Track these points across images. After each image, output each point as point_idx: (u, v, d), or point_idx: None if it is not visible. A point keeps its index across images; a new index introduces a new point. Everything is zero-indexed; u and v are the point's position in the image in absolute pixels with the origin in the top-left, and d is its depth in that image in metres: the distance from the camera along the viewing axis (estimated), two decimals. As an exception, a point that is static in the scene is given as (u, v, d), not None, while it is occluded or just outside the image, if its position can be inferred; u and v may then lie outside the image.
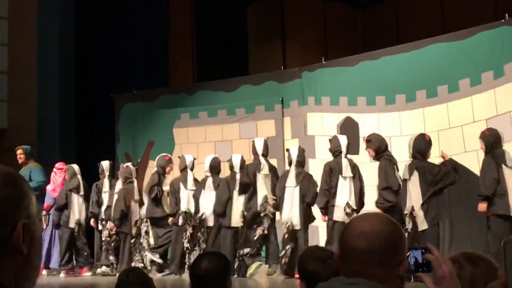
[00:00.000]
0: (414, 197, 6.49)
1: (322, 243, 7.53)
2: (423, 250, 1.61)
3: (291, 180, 7.51)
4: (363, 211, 7.10)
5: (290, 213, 7.42)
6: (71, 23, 11.92)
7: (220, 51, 13.05)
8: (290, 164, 7.82)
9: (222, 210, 7.86)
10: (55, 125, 11.44)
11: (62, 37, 11.70)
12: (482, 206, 6.14)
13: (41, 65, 11.66)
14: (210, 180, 8.23)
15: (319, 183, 7.46)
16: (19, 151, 9.40)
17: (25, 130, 11.66)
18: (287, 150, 8.01)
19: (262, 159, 8.09)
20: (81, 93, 11.91)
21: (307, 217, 7.46)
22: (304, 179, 7.49)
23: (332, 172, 7.16)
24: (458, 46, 8.43)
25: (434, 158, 7.62)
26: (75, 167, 9.23)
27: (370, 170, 7.62)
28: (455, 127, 8.28)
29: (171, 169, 8.97)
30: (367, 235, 1.54)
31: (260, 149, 8.15)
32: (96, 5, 12.33)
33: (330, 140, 7.51)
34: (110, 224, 8.62)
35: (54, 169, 9.41)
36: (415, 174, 6.54)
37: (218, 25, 13.38)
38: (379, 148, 7.07)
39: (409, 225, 6.35)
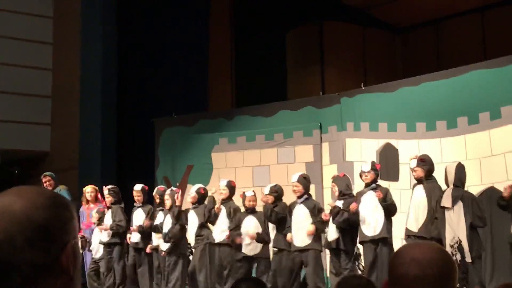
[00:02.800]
0: (459, 227, 6.32)
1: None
2: None
3: None
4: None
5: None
6: (114, 49, 12.15)
7: (259, 76, 13.14)
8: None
9: None
10: (97, 149, 11.62)
11: (104, 62, 11.93)
12: None
13: (84, 89, 11.91)
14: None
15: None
16: (46, 178, 9.45)
17: (67, 153, 11.89)
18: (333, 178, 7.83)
19: None
20: (123, 117, 12.11)
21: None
22: None
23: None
24: (499, 73, 8.33)
25: (472, 186, 7.51)
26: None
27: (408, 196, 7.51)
28: (497, 154, 8.15)
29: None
30: (419, 262, 1.54)
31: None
32: (138, 31, 12.57)
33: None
34: None
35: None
36: (459, 203, 6.40)
37: (257, 50, 13.50)
38: (430, 171, 6.96)
39: (457, 256, 6.19)
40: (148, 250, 8.77)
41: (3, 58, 12.19)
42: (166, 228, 8.51)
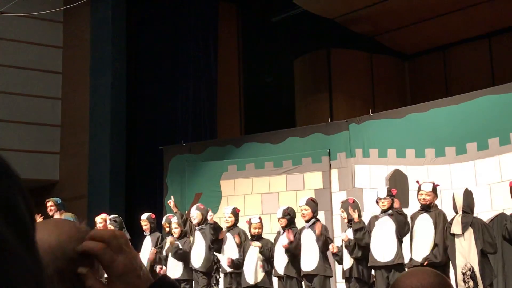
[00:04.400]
0: (470, 254, 6.25)
1: None
2: None
3: None
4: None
5: None
6: (123, 78, 12.24)
7: (267, 103, 13.18)
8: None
9: None
10: (106, 177, 11.65)
11: (113, 91, 12.01)
12: None
13: (93, 118, 11.98)
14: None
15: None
16: (49, 203, 9.37)
17: (76, 182, 11.92)
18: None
19: None
20: (131, 145, 12.15)
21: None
22: None
23: None
24: (508, 98, 8.32)
25: (482, 212, 7.45)
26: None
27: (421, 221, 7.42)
28: (507, 180, 8.09)
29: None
30: None
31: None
32: (147, 60, 12.69)
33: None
34: None
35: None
36: (470, 230, 6.33)
37: (265, 77, 13.57)
38: (435, 198, 6.92)
39: (469, 283, 6.09)
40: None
41: (13, 88, 12.30)
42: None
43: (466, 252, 6.26)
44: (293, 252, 7.54)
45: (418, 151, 9.21)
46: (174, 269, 8.57)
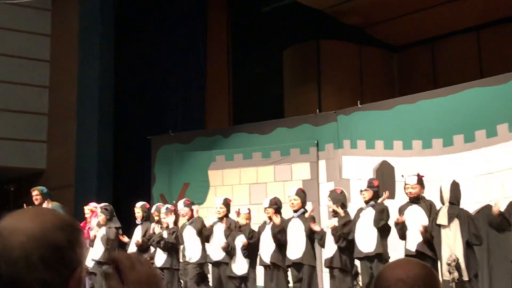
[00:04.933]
0: (456, 245, 6.28)
1: None
2: None
3: None
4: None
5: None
6: (111, 66, 12.18)
7: (256, 94, 13.16)
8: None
9: None
10: (93, 166, 11.61)
11: (101, 80, 11.96)
12: None
13: (81, 107, 11.91)
14: None
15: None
16: (35, 193, 9.27)
17: (63, 171, 11.87)
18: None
19: None
20: (119, 134, 12.10)
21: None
22: None
23: None
24: (496, 91, 8.36)
25: (469, 204, 7.49)
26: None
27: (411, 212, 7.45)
28: (494, 172, 8.15)
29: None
30: (404, 282, 1.52)
31: None
32: (135, 49, 12.62)
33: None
34: None
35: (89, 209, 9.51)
36: (456, 221, 6.36)
37: (254, 67, 13.54)
38: (422, 189, 6.94)
39: (454, 274, 6.12)
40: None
41: (0, 76, 12.20)
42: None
43: (451, 243, 6.30)
44: (279, 240, 7.56)
45: (405, 142, 9.25)
46: (160, 257, 8.58)
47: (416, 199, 6.87)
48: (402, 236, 6.88)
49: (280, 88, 13.46)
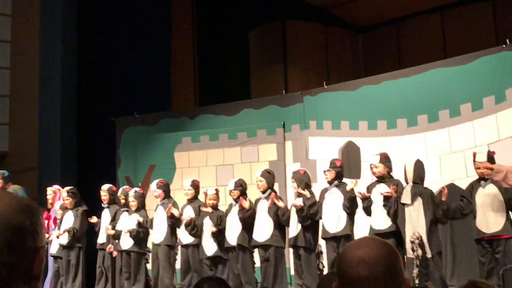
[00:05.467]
0: (419, 223, 6.36)
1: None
2: None
3: None
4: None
5: None
6: (73, 47, 11.97)
7: (222, 75, 13.09)
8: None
9: None
10: (56, 149, 11.43)
11: (64, 61, 11.74)
12: None
13: (43, 88, 11.69)
14: None
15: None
16: None
17: (26, 153, 11.66)
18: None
19: None
20: (83, 116, 11.93)
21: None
22: None
23: None
24: (459, 71, 8.46)
25: (433, 183, 7.60)
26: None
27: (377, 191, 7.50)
28: (457, 152, 8.26)
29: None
30: (367, 262, 1.52)
31: None
32: (98, 30, 12.41)
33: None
34: None
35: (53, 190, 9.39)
36: (419, 200, 6.44)
37: (220, 49, 13.45)
38: (390, 169, 6.98)
39: (418, 252, 6.20)
40: (113, 252, 8.68)
41: (-41, 57, 11.90)
42: (128, 227, 8.45)
43: (415, 221, 6.37)
44: (247, 222, 7.57)
45: (370, 123, 9.32)
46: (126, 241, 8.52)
47: (382, 178, 6.93)
48: (368, 213, 6.94)
49: (246, 69, 13.41)
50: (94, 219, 8.94)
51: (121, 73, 12.13)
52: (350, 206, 7.03)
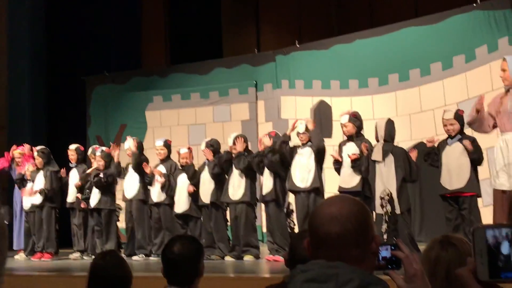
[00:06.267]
0: (389, 180, 6.44)
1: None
2: (393, 247, 1.62)
3: None
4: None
5: None
6: (42, 4, 11.71)
7: (193, 33, 12.93)
8: None
9: None
10: (26, 108, 11.27)
11: (33, 19, 11.49)
12: None
13: (12, 47, 11.45)
14: None
15: None
16: None
17: (-6, 113, 11.48)
18: None
19: None
20: (52, 75, 11.74)
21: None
22: None
23: None
24: (430, 30, 8.49)
25: (402, 142, 7.68)
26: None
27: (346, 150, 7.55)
28: (427, 110, 8.35)
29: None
30: (338, 219, 1.54)
31: None
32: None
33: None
34: None
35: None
36: (390, 157, 6.51)
37: (191, 7, 13.26)
38: (360, 128, 6.99)
39: (387, 207, 6.29)
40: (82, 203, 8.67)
41: None
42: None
43: (385, 178, 6.46)
44: (219, 180, 7.62)
45: (342, 82, 9.34)
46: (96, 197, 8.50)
47: (351, 137, 6.97)
48: (338, 171, 7.02)
49: (218, 28, 13.27)
50: (63, 173, 8.86)
51: (91, 31, 11.90)
52: (319, 159, 7.08)
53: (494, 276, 1.36)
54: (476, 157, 6.09)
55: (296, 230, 7.19)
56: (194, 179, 7.87)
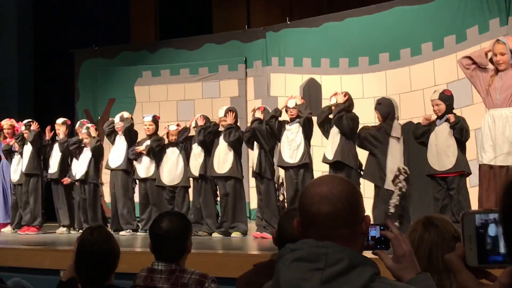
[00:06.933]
0: (401, 158, 6.42)
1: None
2: (382, 227, 1.62)
3: None
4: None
5: None
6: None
7: (183, 8, 12.82)
8: None
9: None
10: (13, 82, 11.15)
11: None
12: None
13: (-2, 20, 11.31)
14: None
15: None
16: None
17: (-19, 86, 11.36)
18: None
19: None
20: (40, 48, 11.60)
21: None
22: None
23: None
24: (422, 10, 8.46)
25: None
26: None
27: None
28: (417, 90, 8.35)
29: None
30: (328, 199, 1.53)
31: None
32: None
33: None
34: None
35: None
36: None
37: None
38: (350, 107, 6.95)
39: (402, 184, 6.26)
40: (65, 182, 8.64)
41: None
42: (81, 162, 8.42)
43: (399, 155, 6.43)
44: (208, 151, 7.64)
45: (332, 60, 9.31)
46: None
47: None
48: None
49: (209, 3, 13.16)
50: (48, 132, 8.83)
51: (80, 4, 11.77)
52: (308, 134, 7.14)
53: (483, 262, 1.36)
54: (458, 131, 6.00)
55: (285, 204, 7.23)
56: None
